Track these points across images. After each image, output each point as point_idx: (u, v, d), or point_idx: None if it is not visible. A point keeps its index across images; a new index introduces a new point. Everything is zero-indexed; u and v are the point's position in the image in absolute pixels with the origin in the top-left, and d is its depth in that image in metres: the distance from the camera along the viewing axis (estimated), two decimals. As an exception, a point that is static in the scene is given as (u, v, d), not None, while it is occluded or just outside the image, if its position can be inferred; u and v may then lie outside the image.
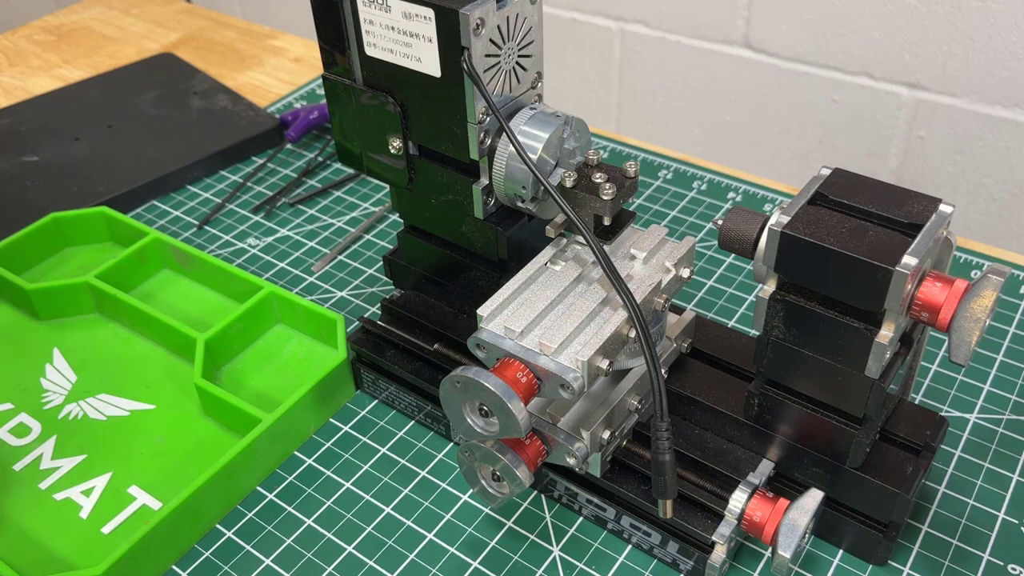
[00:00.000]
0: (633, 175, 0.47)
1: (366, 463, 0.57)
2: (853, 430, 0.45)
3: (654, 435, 0.44)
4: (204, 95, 0.95)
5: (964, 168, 0.97)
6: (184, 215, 0.81)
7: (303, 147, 0.89)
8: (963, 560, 0.50)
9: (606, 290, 0.46)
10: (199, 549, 0.53)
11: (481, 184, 0.49)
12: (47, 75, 1.05)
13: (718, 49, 1.07)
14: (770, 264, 0.42)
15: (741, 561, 0.51)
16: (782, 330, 0.44)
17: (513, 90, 0.48)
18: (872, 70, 0.97)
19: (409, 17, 0.45)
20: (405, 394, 0.59)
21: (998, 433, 0.57)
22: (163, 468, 0.57)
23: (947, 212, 0.41)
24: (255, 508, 0.55)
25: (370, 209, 0.80)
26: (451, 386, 0.43)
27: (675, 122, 1.17)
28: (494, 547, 0.52)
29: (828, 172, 0.44)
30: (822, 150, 1.06)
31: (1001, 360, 0.61)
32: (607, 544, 0.52)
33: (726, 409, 0.50)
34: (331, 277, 0.72)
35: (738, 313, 0.67)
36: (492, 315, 0.46)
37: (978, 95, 0.92)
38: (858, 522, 0.49)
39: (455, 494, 0.55)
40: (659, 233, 0.50)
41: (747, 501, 0.47)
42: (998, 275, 0.39)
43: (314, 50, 1.07)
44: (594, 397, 0.48)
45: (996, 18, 0.87)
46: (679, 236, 0.74)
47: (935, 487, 0.54)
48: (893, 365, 0.43)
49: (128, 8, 1.21)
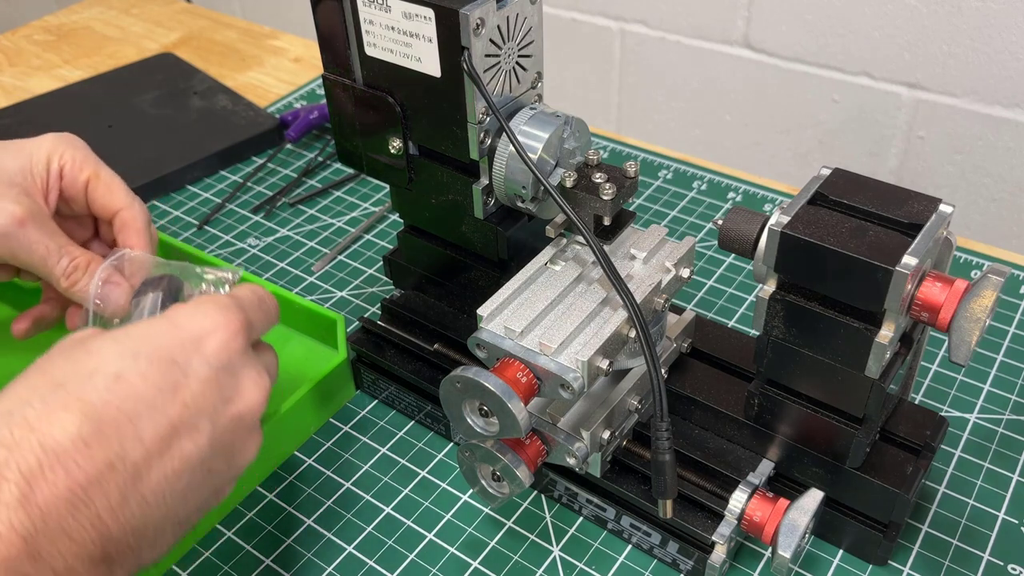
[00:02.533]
0: (633, 175, 0.47)
1: (366, 463, 0.57)
2: (853, 430, 0.45)
3: (654, 435, 0.44)
4: (204, 95, 0.95)
5: (964, 168, 0.97)
6: (184, 215, 0.81)
7: (303, 147, 0.89)
8: (963, 560, 0.50)
9: (606, 290, 0.46)
10: (199, 549, 0.53)
11: (481, 184, 0.49)
12: (47, 75, 1.05)
13: (718, 49, 1.07)
14: (770, 264, 0.42)
15: (741, 561, 0.51)
16: (782, 330, 0.44)
17: (513, 90, 0.48)
18: (872, 70, 0.97)
19: (409, 17, 0.45)
20: (405, 394, 0.59)
21: (998, 433, 0.57)
22: (163, 468, 0.57)
23: (947, 212, 0.41)
24: (255, 508, 0.55)
25: (370, 209, 0.80)
26: (451, 386, 0.43)
27: (675, 122, 1.17)
28: (494, 547, 0.52)
29: (828, 172, 0.44)
30: (822, 150, 1.06)
31: (1001, 360, 0.61)
32: (607, 544, 0.52)
33: (726, 409, 0.50)
34: (331, 277, 0.72)
35: (738, 313, 0.67)
36: (492, 315, 0.46)
37: (978, 95, 0.92)
38: (858, 522, 0.49)
39: (455, 494, 0.55)
40: (659, 233, 0.50)
41: (747, 501, 0.47)
42: (998, 275, 0.39)
43: (314, 50, 1.07)
44: (594, 397, 0.48)
45: (996, 18, 0.87)
46: (679, 236, 0.74)
47: (935, 487, 0.54)
48: (893, 365, 0.43)
49: (128, 8, 1.21)
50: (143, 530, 0.36)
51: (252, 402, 0.41)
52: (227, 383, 0.40)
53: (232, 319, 0.41)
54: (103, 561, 0.35)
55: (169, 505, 0.37)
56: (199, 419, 0.38)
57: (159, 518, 0.37)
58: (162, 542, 0.38)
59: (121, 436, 0.35)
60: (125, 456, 0.35)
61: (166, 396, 0.37)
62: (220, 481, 0.41)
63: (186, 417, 0.37)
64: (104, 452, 0.35)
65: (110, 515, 0.35)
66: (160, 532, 0.37)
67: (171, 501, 0.37)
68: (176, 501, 0.37)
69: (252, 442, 0.42)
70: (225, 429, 0.39)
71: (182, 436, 0.37)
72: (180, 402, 0.37)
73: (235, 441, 0.40)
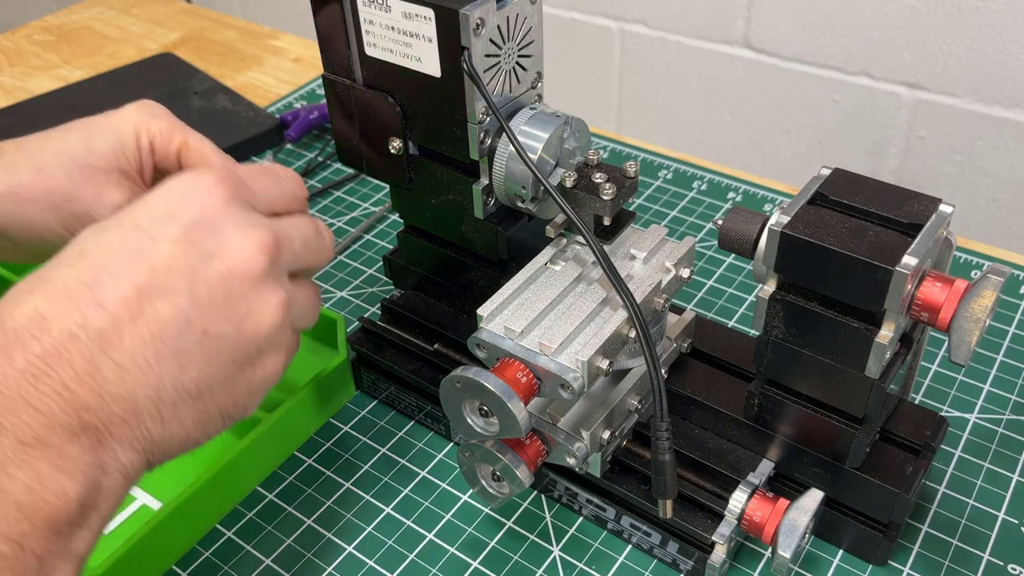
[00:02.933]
0: (633, 175, 0.47)
1: (366, 463, 0.57)
2: (853, 430, 0.45)
3: (654, 435, 0.44)
4: (204, 95, 0.95)
5: (964, 168, 0.97)
6: (184, 215, 0.81)
7: (303, 147, 0.89)
8: (963, 560, 0.50)
9: (606, 290, 0.46)
10: (199, 549, 0.53)
11: (481, 184, 0.49)
12: (47, 75, 1.05)
13: (718, 49, 1.07)
14: (770, 264, 0.42)
15: (741, 561, 0.51)
16: (782, 330, 0.44)
17: (513, 90, 0.48)
18: (872, 70, 0.97)
19: (409, 17, 0.45)
20: (405, 394, 0.59)
21: (998, 433, 0.57)
22: (163, 468, 0.57)
23: (947, 212, 0.41)
24: (255, 508, 0.55)
25: (370, 209, 0.80)
26: (451, 386, 0.43)
27: (675, 122, 1.17)
28: (494, 547, 0.52)
29: (828, 172, 0.44)
30: (822, 150, 1.06)
31: (1001, 360, 0.61)
32: (607, 544, 0.52)
33: (726, 409, 0.50)
34: (331, 277, 0.72)
35: (738, 313, 0.67)
36: (492, 315, 0.46)
37: (978, 95, 0.92)
38: (858, 522, 0.49)
39: (455, 494, 0.55)
40: (659, 233, 0.50)
41: (747, 501, 0.47)
42: (998, 275, 0.39)
43: (314, 50, 1.07)
44: (594, 397, 0.48)
45: (996, 18, 0.87)
46: (679, 236, 0.74)
47: (935, 487, 0.54)
48: (893, 365, 0.43)
49: (128, 8, 1.21)
50: (132, 398, 0.35)
51: (243, 256, 0.38)
52: (204, 239, 0.37)
53: (206, 177, 0.39)
54: (83, 431, 0.34)
55: (160, 372, 0.35)
56: (172, 279, 0.36)
57: (151, 385, 0.35)
58: (175, 415, 0.36)
59: (80, 305, 0.35)
60: (87, 324, 0.34)
61: (127, 260, 0.36)
62: (232, 347, 0.38)
63: (155, 279, 0.36)
64: (62, 322, 0.34)
65: (78, 383, 0.34)
66: (162, 402, 0.36)
67: (161, 367, 0.35)
68: (168, 367, 0.36)
69: (264, 302, 0.38)
70: (212, 287, 0.37)
71: (154, 299, 0.36)
72: (146, 265, 0.36)
73: (232, 301, 0.37)
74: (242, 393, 0.39)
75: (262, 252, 0.38)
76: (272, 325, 0.39)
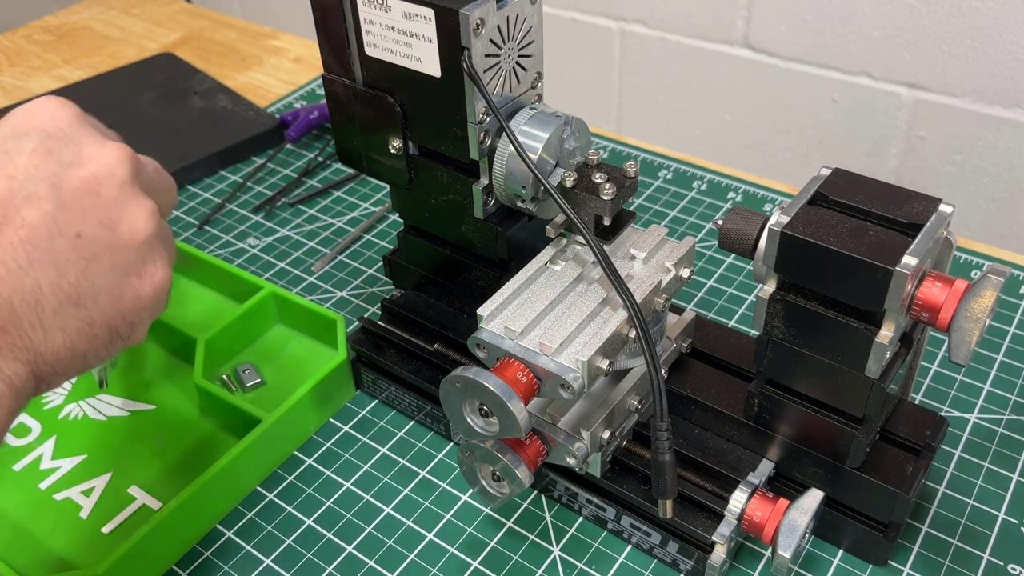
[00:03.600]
0: (633, 175, 0.47)
1: (366, 463, 0.57)
2: (853, 430, 0.45)
3: (654, 435, 0.44)
4: (204, 95, 0.95)
5: (964, 168, 0.97)
6: (184, 215, 0.81)
7: (303, 147, 0.89)
8: (963, 560, 0.50)
9: (606, 290, 0.46)
10: (199, 549, 0.53)
11: (481, 184, 0.49)
12: (47, 75, 1.05)
13: (718, 49, 1.07)
14: (770, 264, 0.42)
15: (741, 561, 0.51)
16: (782, 330, 0.44)
17: (513, 90, 0.48)
18: (872, 70, 0.97)
19: (409, 17, 0.45)
20: (405, 394, 0.59)
21: (998, 433, 0.57)
22: (163, 468, 0.57)
23: (947, 212, 0.41)
24: (255, 508, 0.55)
25: (370, 209, 0.80)
26: (451, 386, 0.43)
27: (675, 122, 1.17)
28: (494, 547, 0.52)
29: (828, 172, 0.44)
30: (822, 150, 1.06)
31: (1001, 360, 0.61)
32: (607, 544, 0.52)
33: (726, 409, 0.50)
34: (331, 277, 0.72)
35: (738, 313, 0.67)
36: (492, 315, 0.46)
37: (978, 95, 0.92)
38: (858, 522, 0.49)
39: (455, 494, 0.55)
40: (659, 233, 0.50)
41: (747, 501, 0.47)
42: (998, 275, 0.39)
43: (314, 50, 1.07)
44: (594, 397, 0.48)
45: (996, 18, 0.87)
46: (679, 236, 0.74)
47: (935, 487, 0.54)
48: (893, 365, 0.43)
49: (128, 8, 1.21)
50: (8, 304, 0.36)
51: (104, 163, 0.39)
52: (62, 149, 0.39)
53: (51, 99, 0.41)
54: None
55: (36, 276, 0.36)
56: (34, 186, 0.37)
57: (27, 290, 0.36)
58: (56, 323, 0.37)
59: None
60: None
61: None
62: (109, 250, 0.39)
63: (15, 187, 0.37)
64: None
65: None
66: (41, 308, 0.37)
67: (36, 272, 0.36)
68: (44, 271, 0.37)
69: (137, 207, 0.40)
70: (77, 192, 0.38)
71: (20, 207, 0.37)
72: (5, 176, 0.37)
73: (102, 205, 0.39)
74: (129, 306, 0.40)
75: (123, 161, 0.40)
76: (148, 231, 0.40)
